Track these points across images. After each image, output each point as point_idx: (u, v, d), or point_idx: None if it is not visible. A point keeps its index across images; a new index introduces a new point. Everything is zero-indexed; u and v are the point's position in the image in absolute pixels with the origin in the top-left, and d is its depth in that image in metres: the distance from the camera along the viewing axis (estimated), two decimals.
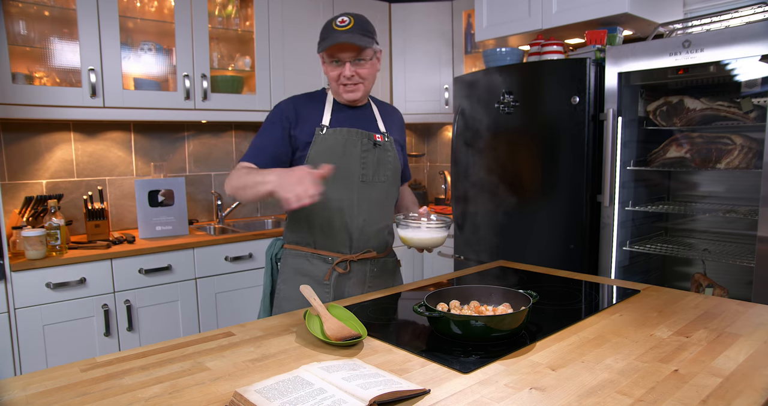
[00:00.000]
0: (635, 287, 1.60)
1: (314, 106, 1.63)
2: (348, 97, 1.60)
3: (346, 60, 1.53)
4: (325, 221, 1.60)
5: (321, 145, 1.57)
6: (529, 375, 0.99)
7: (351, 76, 1.55)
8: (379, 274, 1.69)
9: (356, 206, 1.61)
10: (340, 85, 1.58)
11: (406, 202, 1.87)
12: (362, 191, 1.61)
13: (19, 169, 2.58)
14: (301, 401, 0.85)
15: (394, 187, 1.71)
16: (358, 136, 1.60)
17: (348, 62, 1.54)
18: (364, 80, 1.58)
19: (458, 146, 2.88)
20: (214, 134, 3.17)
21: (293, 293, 1.63)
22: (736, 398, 0.88)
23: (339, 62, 1.55)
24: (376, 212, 1.64)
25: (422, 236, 1.52)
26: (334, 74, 1.57)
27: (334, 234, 1.61)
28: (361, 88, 1.59)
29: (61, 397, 0.92)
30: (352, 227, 1.61)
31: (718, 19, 2.16)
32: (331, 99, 1.65)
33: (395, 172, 1.69)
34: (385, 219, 1.68)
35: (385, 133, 1.67)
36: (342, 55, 1.53)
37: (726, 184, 2.41)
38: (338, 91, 1.60)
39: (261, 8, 2.93)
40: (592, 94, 2.31)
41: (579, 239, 2.38)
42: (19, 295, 2.09)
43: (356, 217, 1.61)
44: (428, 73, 3.53)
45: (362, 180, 1.60)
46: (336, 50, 1.52)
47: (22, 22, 2.39)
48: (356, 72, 1.55)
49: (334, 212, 1.59)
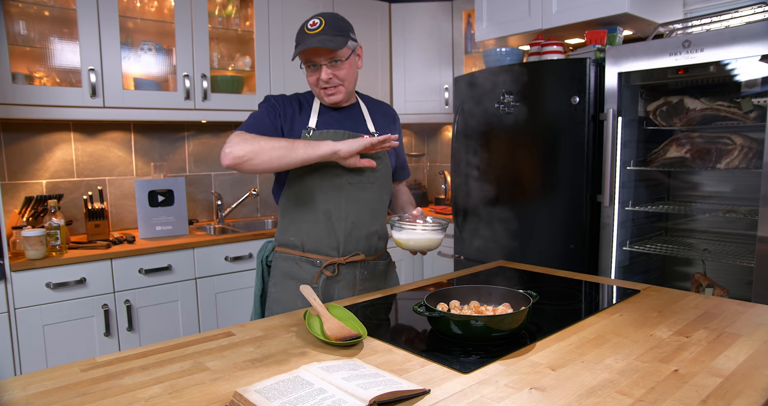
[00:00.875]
0: (635, 287, 1.60)
1: (303, 107, 1.61)
2: (330, 101, 1.57)
3: (322, 63, 1.51)
4: (313, 223, 1.59)
5: None
6: (529, 375, 0.99)
7: (328, 79, 1.52)
8: (370, 277, 1.67)
9: (344, 209, 1.58)
10: (321, 89, 1.56)
11: (402, 201, 1.85)
12: (350, 194, 1.58)
13: (19, 169, 2.58)
14: (301, 401, 0.85)
15: (385, 189, 1.68)
16: (344, 138, 1.57)
17: (324, 65, 1.51)
18: (344, 81, 1.55)
19: (458, 146, 2.88)
20: (214, 134, 3.17)
21: (282, 296, 1.61)
22: (736, 398, 0.88)
23: (315, 66, 1.52)
24: (365, 214, 1.61)
25: (416, 238, 1.49)
26: (312, 79, 1.55)
27: (322, 237, 1.59)
28: (342, 90, 1.56)
29: (61, 397, 0.92)
30: (340, 230, 1.59)
31: (718, 19, 2.16)
32: (318, 102, 1.63)
33: (385, 173, 1.66)
34: (375, 222, 1.65)
35: (374, 133, 1.64)
36: (316, 58, 1.50)
37: (726, 184, 2.41)
38: (320, 95, 1.58)
39: (261, 8, 2.93)
40: (592, 94, 2.31)
41: (579, 239, 2.38)
42: (19, 295, 2.09)
43: (344, 220, 1.58)
44: (428, 73, 3.53)
45: (350, 182, 1.58)
46: (310, 55, 1.50)
47: (22, 22, 2.39)
48: (334, 74, 1.52)
49: (322, 215, 1.58)
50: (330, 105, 1.61)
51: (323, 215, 1.58)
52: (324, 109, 1.63)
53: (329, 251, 1.60)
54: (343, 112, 1.64)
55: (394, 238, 1.53)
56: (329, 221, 1.58)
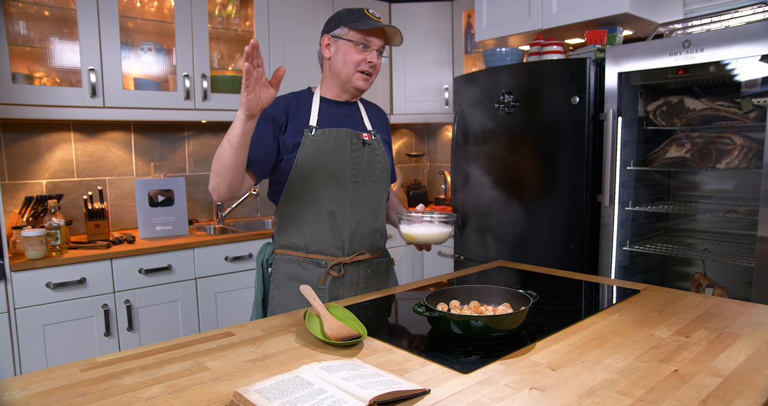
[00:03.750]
0: (635, 287, 1.60)
1: (301, 105, 1.60)
2: (360, 85, 1.58)
3: (375, 48, 1.55)
4: (317, 224, 1.57)
5: (310, 146, 1.54)
6: (529, 375, 0.99)
7: (375, 64, 1.56)
8: (373, 275, 1.67)
9: (348, 207, 1.58)
10: (358, 71, 1.56)
11: (392, 202, 1.85)
12: (354, 192, 1.58)
13: (19, 169, 2.58)
14: (301, 401, 0.85)
15: (386, 187, 1.69)
16: (347, 136, 1.57)
17: (375, 50, 1.56)
18: (376, 74, 1.61)
19: (458, 146, 2.88)
20: (214, 134, 3.17)
21: (287, 300, 1.59)
22: (736, 398, 0.88)
23: (365, 48, 1.55)
24: (368, 212, 1.62)
25: (427, 232, 1.48)
26: (358, 58, 1.54)
27: (327, 237, 1.58)
28: (371, 81, 1.60)
29: (61, 397, 0.92)
30: (345, 229, 1.58)
31: (718, 19, 2.16)
32: (318, 97, 1.62)
33: (385, 171, 1.67)
34: (377, 220, 1.65)
35: (372, 132, 1.65)
36: (375, 40, 1.55)
37: (726, 184, 2.41)
38: (351, 78, 1.57)
39: (261, 8, 2.93)
40: (592, 94, 2.31)
41: (579, 239, 2.38)
42: (19, 295, 2.09)
43: (349, 218, 1.58)
44: (428, 73, 3.53)
45: (354, 181, 1.58)
46: (373, 33, 1.54)
47: (22, 22, 2.39)
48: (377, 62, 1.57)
49: (326, 215, 1.57)
50: (356, 90, 1.61)
51: (328, 215, 1.57)
52: (325, 103, 1.62)
53: (334, 251, 1.59)
54: (344, 110, 1.64)
55: (404, 233, 1.51)
56: (334, 220, 1.57)
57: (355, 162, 1.58)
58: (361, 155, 1.60)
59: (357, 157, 1.59)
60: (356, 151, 1.59)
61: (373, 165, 1.62)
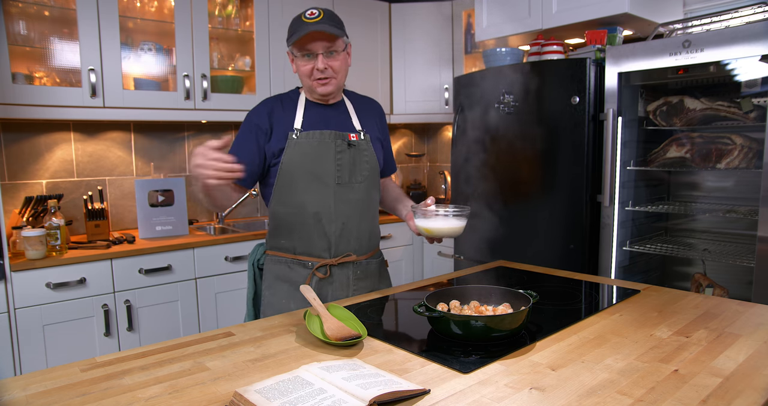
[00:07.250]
0: (635, 287, 1.60)
1: (287, 107, 1.60)
2: (322, 91, 1.56)
3: (318, 52, 1.51)
4: (303, 226, 1.58)
5: (294, 150, 1.54)
6: (529, 375, 0.99)
7: (324, 68, 1.52)
8: (363, 276, 1.66)
9: (333, 209, 1.57)
10: (314, 80, 1.54)
11: (394, 194, 1.82)
12: (339, 194, 1.58)
13: (19, 169, 2.58)
14: (301, 401, 0.85)
15: (374, 188, 1.67)
16: (331, 138, 1.57)
17: (320, 54, 1.51)
18: (337, 73, 1.55)
19: (458, 146, 2.88)
20: (214, 134, 3.17)
21: (275, 299, 1.61)
22: (736, 398, 0.88)
23: (310, 56, 1.52)
24: (354, 214, 1.61)
25: (444, 226, 1.46)
26: (306, 69, 1.53)
27: (313, 239, 1.58)
28: (334, 82, 1.56)
29: (61, 397, 0.92)
30: (330, 231, 1.58)
31: (718, 19, 2.16)
32: (304, 99, 1.62)
33: (373, 171, 1.65)
34: (365, 221, 1.64)
35: (360, 132, 1.64)
36: (314, 45, 1.50)
37: (726, 184, 2.41)
38: (311, 87, 1.57)
39: (261, 8, 2.93)
40: (592, 94, 2.31)
41: (579, 239, 2.38)
42: (19, 295, 2.09)
43: (334, 220, 1.58)
44: (428, 73, 3.53)
45: (338, 182, 1.57)
46: (308, 41, 1.49)
47: (22, 22, 2.39)
48: (329, 64, 1.52)
49: (311, 217, 1.57)
50: (320, 96, 1.59)
51: (313, 217, 1.57)
52: (310, 105, 1.61)
53: (321, 252, 1.60)
54: (329, 110, 1.63)
55: (420, 226, 1.49)
56: (319, 223, 1.57)
57: (339, 163, 1.57)
58: (346, 156, 1.58)
59: (341, 159, 1.58)
60: (340, 153, 1.58)
61: (359, 166, 1.61)
